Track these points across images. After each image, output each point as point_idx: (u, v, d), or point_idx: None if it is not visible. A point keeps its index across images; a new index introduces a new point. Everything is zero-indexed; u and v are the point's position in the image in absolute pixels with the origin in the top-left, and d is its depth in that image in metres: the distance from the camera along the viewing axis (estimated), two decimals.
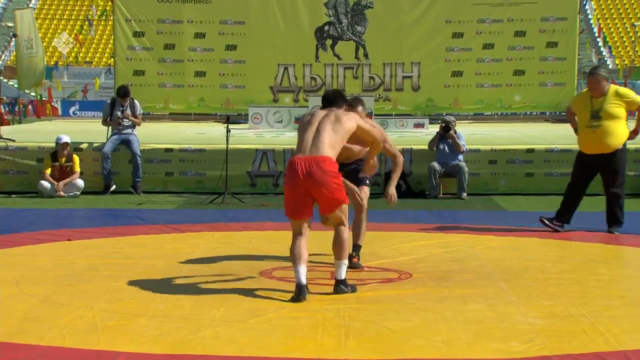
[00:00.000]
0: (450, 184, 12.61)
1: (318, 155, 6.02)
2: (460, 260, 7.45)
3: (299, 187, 6.00)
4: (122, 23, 20.70)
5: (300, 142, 6.14)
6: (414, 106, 21.08)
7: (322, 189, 5.97)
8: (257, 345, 4.80)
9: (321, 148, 6.04)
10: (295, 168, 6.00)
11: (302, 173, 5.96)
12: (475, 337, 4.97)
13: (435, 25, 20.79)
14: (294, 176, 6.00)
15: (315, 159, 6.00)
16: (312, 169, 5.96)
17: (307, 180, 5.96)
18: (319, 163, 5.98)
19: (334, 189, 6.01)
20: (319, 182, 5.96)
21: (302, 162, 6.00)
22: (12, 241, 8.23)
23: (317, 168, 5.96)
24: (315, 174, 5.95)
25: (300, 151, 6.09)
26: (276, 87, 21.05)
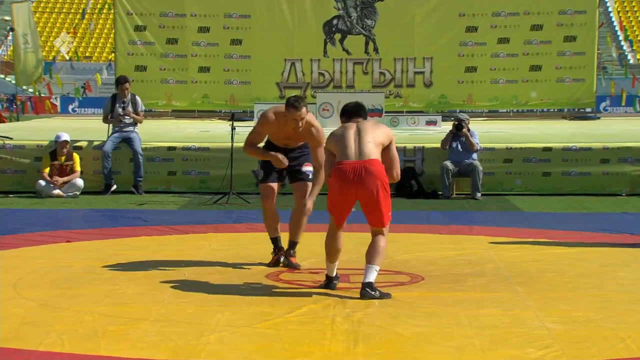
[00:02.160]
0: (464, 184, 12.59)
1: (366, 159, 6.18)
2: (474, 263, 7.43)
3: (349, 193, 6.19)
4: (123, 16, 20.75)
5: (344, 148, 6.22)
6: (426, 103, 21.07)
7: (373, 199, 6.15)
8: (263, 351, 4.80)
9: (368, 151, 6.21)
10: (345, 173, 6.15)
11: (352, 178, 6.14)
12: (490, 343, 4.96)
13: (448, 19, 20.77)
14: (344, 181, 6.16)
15: (365, 164, 6.16)
16: (362, 175, 6.14)
17: (357, 185, 6.14)
18: (368, 167, 6.15)
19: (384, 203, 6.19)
20: (370, 188, 6.14)
21: (351, 167, 6.15)
22: (9, 243, 8.25)
23: (367, 173, 6.14)
24: (366, 180, 6.14)
25: (347, 156, 6.20)
26: (283, 83, 21.07)
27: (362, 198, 6.19)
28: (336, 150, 6.29)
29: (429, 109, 20.89)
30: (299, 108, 6.77)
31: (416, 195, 12.36)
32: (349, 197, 6.21)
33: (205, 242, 8.45)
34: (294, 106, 6.78)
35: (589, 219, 10.37)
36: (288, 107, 6.81)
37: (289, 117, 6.82)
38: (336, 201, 6.26)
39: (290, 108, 6.78)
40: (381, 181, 6.18)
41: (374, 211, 6.20)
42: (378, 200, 6.15)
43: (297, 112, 6.77)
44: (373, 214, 6.22)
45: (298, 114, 6.77)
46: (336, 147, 6.30)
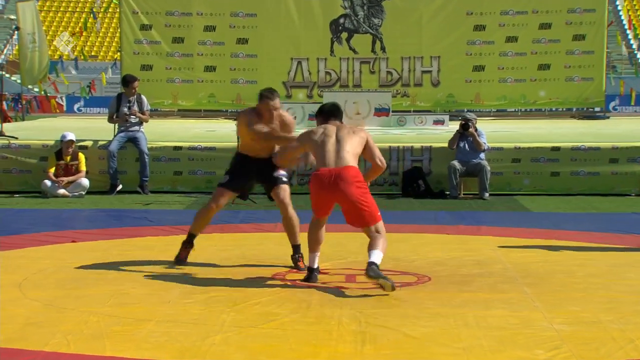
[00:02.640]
0: (472, 184, 12.57)
1: (342, 166, 6.46)
2: (481, 263, 7.43)
3: (325, 198, 6.53)
4: (129, 15, 20.78)
5: (324, 155, 6.51)
6: (433, 102, 21.05)
7: (350, 202, 6.41)
8: (269, 352, 4.80)
9: (346, 159, 6.50)
10: (322, 180, 6.46)
11: (327, 184, 6.42)
12: (498, 344, 4.95)
13: (456, 18, 20.76)
14: (321, 187, 6.47)
15: (339, 171, 6.43)
16: (338, 181, 6.40)
17: (334, 192, 6.43)
18: (343, 175, 6.42)
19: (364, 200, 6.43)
20: (347, 194, 6.39)
21: (327, 174, 6.44)
22: (14, 243, 8.27)
23: (342, 180, 6.40)
24: (341, 186, 6.39)
25: (324, 164, 6.49)
26: (289, 82, 21.08)
27: (340, 203, 6.50)
28: (314, 152, 6.63)
29: (437, 108, 20.88)
30: (272, 98, 7.13)
31: (423, 195, 12.35)
32: (327, 200, 6.55)
33: (211, 242, 8.45)
34: (268, 97, 7.14)
35: (598, 219, 10.35)
36: (262, 98, 7.14)
37: (263, 107, 7.14)
38: (316, 203, 6.62)
39: (264, 99, 7.13)
40: (355, 184, 6.43)
41: (357, 213, 6.44)
42: (357, 200, 6.39)
43: (270, 102, 7.12)
44: (357, 216, 6.45)
45: (272, 103, 7.13)
46: (315, 150, 6.62)
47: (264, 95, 7.16)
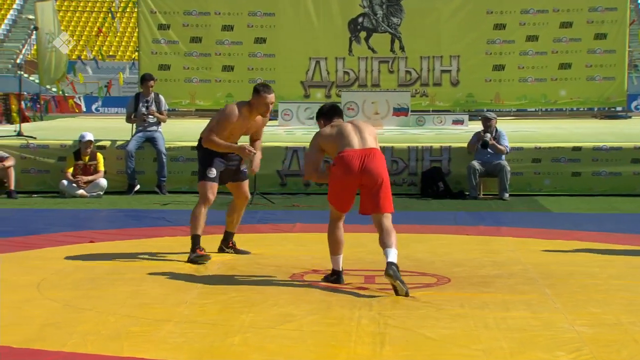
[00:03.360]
0: (491, 184, 12.54)
1: (369, 147, 6.43)
2: (501, 264, 7.40)
3: (352, 181, 6.38)
4: (147, 15, 20.86)
5: (345, 138, 6.44)
6: (452, 102, 21.00)
7: (377, 184, 6.37)
8: (287, 353, 4.80)
9: (370, 141, 6.48)
10: (350, 161, 6.34)
11: (358, 165, 6.34)
12: (518, 346, 4.93)
13: (476, 16, 20.69)
14: (349, 169, 6.33)
15: (368, 152, 6.40)
16: (367, 162, 6.36)
17: (363, 173, 6.35)
18: (372, 155, 6.40)
19: (388, 186, 6.45)
20: (376, 175, 6.37)
21: (356, 154, 6.36)
22: (32, 243, 8.32)
23: (372, 161, 6.37)
24: (371, 166, 6.36)
25: (350, 145, 6.41)
26: (307, 82, 21.08)
27: (369, 184, 6.37)
28: (334, 143, 6.51)
29: (456, 108, 20.83)
30: (270, 92, 7.34)
31: (443, 195, 12.33)
32: (353, 184, 6.40)
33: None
34: (266, 91, 7.31)
35: (620, 220, 10.30)
36: (260, 92, 7.31)
37: (260, 102, 7.32)
38: (340, 190, 6.45)
39: (262, 93, 7.30)
40: (384, 165, 6.47)
41: (379, 196, 6.38)
42: (384, 183, 6.39)
43: (269, 95, 7.30)
44: (378, 200, 6.38)
45: (270, 97, 7.32)
46: (334, 140, 6.52)
47: (261, 90, 7.32)
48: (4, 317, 5.51)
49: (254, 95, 7.39)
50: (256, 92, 7.36)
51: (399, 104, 17.55)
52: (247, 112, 7.42)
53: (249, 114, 7.43)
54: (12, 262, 7.42)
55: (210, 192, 7.48)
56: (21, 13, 49.26)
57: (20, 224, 9.83)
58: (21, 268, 7.13)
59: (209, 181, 7.48)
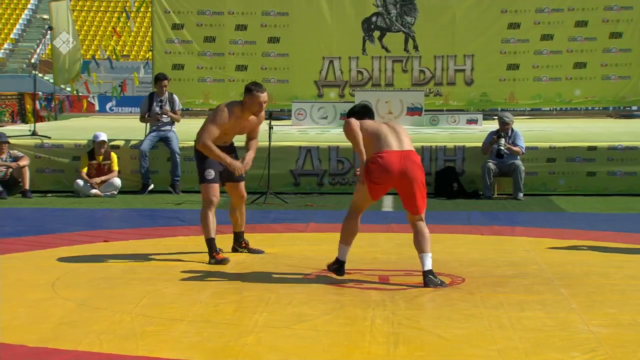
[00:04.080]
0: (506, 184, 12.50)
1: (407, 149, 6.55)
2: (516, 264, 7.38)
3: (389, 181, 6.52)
4: (161, 15, 20.91)
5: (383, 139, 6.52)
6: (466, 101, 20.95)
7: (415, 186, 6.53)
8: (301, 353, 4.81)
9: (407, 143, 6.59)
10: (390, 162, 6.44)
11: (398, 167, 6.46)
12: (533, 346, 4.92)
13: (490, 15, 20.63)
14: (388, 169, 6.44)
15: (407, 153, 6.53)
16: (407, 163, 6.49)
17: (402, 175, 6.49)
18: (412, 157, 6.54)
19: (424, 188, 6.62)
20: (414, 177, 6.52)
21: (396, 155, 6.46)
22: (47, 242, 8.36)
23: (411, 162, 6.51)
24: (411, 167, 6.50)
25: (389, 145, 6.50)
26: (321, 81, 21.07)
27: (406, 186, 6.51)
28: (370, 140, 6.54)
29: (470, 107, 20.77)
30: (263, 91, 7.28)
31: (457, 195, 12.31)
32: (388, 184, 6.55)
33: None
34: (258, 90, 7.26)
35: (636, 220, 10.25)
36: (252, 92, 7.25)
37: (254, 101, 7.27)
38: (374, 188, 6.52)
39: (255, 92, 7.24)
40: (421, 168, 6.63)
41: (417, 197, 6.53)
42: (422, 185, 6.56)
43: (261, 94, 7.26)
44: (417, 200, 6.53)
45: (263, 95, 7.27)
46: (370, 139, 6.55)
47: (253, 89, 7.26)
48: (20, 316, 5.54)
49: (246, 95, 7.34)
50: (248, 91, 7.31)
51: (412, 104, 17.52)
52: (239, 112, 7.38)
53: (242, 114, 7.39)
54: (27, 261, 7.46)
55: (212, 194, 7.49)
56: (35, 13, 49.51)
57: (35, 223, 9.88)
58: (36, 267, 7.16)
59: (209, 183, 7.48)
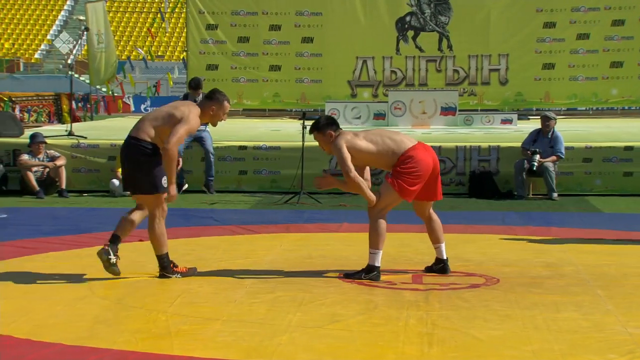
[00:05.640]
0: (541, 184, 12.41)
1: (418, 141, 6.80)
2: (551, 265, 7.32)
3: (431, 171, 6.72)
4: (195, 15, 21.03)
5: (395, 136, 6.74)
6: (501, 101, 20.84)
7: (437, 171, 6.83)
8: (335, 353, 4.80)
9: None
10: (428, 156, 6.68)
11: (433, 160, 6.74)
12: (569, 347, 4.87)
13: (525, 15, 20.51)
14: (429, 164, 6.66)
15: (421, 142, 6.78)
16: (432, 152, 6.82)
17: (435, 167, 6.76)
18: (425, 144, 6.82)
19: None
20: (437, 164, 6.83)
21: (422, 147, 6.71)
22: (83, 242, 8.43)
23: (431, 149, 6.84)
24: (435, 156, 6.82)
25: (409, 140, 6.71)
26: (354, 81, 21.07)
27: (435, 173, 6.77)
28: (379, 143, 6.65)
29: (505, 107, 20.66)
30: (228, 101, 6.81)
31: (491, 195, 12.23)
32: (431, 174, 6.72)
33: (277, 242, 8.50)
34: (227, 99, 6.77)
35: None
36: (222, 101, 6.68)
37: (223, 111, 6.72)
38: (419, 182, 6.63)
39: (225, 102, 6.71)
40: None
41: (439, 184, 6.87)
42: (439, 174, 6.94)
43: (228, 104, 6.78)
44: (439, 186, 6.86)
45: (228, 106, 6.79)
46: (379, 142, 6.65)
47: (223, 98, 6.68)
48: (56, 314, 5.60)
49: (213, 103, 6.65)
50: (217, 100, 6.64)
51: (446, 103, 17.45)
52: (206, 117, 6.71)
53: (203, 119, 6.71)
54: (64, 260, 7.53)
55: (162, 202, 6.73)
56: (72, 14, 49.99)
57: (72, 222, 9.97)
58: (72, 266, 7.23)
59: (164, 192, 6.65)
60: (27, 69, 45.99)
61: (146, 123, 6.66)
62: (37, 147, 12.60)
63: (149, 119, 6.70)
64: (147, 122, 6.67)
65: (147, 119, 6.73)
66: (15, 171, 12.80)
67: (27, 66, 46.45)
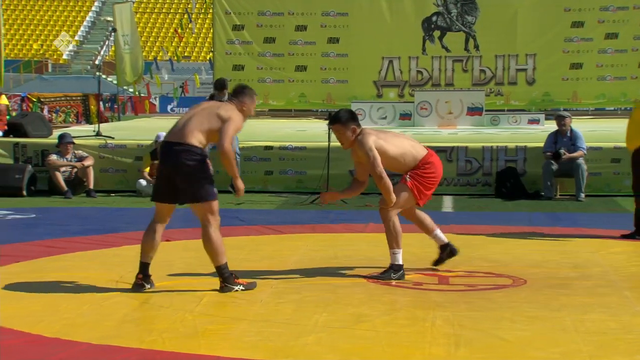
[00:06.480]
0: (569, 184, 12.32)
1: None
2: (579, 266, 7.27)
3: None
4: (222, 16, 21.10)
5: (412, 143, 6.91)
6: (528, 101, 20.73)
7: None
8: (361, 353, 4.80)
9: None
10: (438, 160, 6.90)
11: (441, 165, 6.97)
12: (597, 349, 4.84)
13: (553, 14, 20.39)
14: (441, 167, 6.88)
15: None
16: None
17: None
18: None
19: None
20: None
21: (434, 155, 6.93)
22: (110, 241, 8.49)
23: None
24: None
25: (420, 146, 6.88)
26: (380, 81, 21.05)
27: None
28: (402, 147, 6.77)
29: (532, 107, 20.55)
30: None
31: (517, 196, 12.16)
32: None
33: (302, 242, 8.51)
34: (255, 94, 6.63)
35: None
36: (253, 94, 6.55)
37: (253, 105, 6.60)
38: (434, 187, 6.83)
39: (254, 94, 6.58)
40: None
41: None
42: None
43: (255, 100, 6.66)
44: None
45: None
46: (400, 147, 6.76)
47: (251, 92, 6.55)
48: (84, 313, 5.64)
49: (245, 97, 6.49)
50: (248, 94, 6.50)
51: (473, 103, 17.40)
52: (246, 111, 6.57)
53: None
54: (92, 259, 7.58)
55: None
56: (99, 15, 50.32)
57: (99, 222, 10.04)
58: (100, 265, 7.28)
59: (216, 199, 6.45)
60: (56, 70, 46.36)
61: (192, 128, 6.23)
62: (66, 147, 12.70)
63: (194, 124, 6.26)
64: (192, 126, 6.24)
65: (191, 124, 6.27)
66: (44, 171, 12.91)
67: (56, 67, 46.83)
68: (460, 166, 12.59)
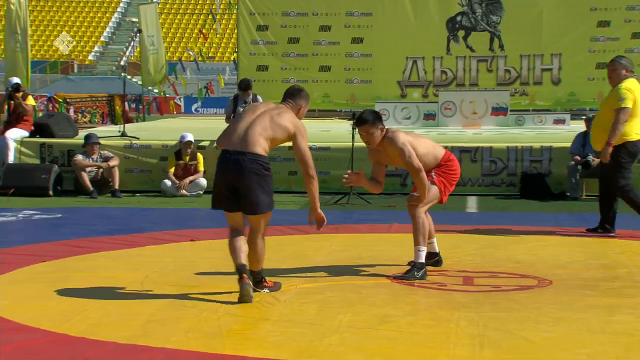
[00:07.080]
0: (595, 185, 12.21)
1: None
2: (606, 267, 7.22)
3: None
4: (246, 17, 21.14)
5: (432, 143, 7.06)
6: (553, 101, 20.59)
7: None
8: (385, 354, 4.79)
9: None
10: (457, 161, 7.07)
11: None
12: (625, 351, 4.80)
13: (579, 13, 20.23)
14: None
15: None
16: None
17: None
18: None
19: None
20: None
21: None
22: (135, 241, 8.53)
23: None
24: None
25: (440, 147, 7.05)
26: (404, 81, 20.99)
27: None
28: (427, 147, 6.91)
29: (557, 107, 20.41)
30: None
31: (543, 196, 12.10)
32: None
33: (326, 242, 8.51)
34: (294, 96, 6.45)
35: None
36: (308, 96, 6.49)
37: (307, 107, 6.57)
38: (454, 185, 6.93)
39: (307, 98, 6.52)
40: None
41: None
42: None
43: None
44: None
45: None
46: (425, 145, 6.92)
47: (308, 96, 6.52)
48: (110, 313, 5.67)
49: (301, 100, 6.42)
50: (303, 97, 6.42)
51: (497, 104, 17.31)
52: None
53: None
54: (117, 259, 7.63)
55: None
56: (125, 16, 50.61)
57: (124, 222, 10.10)
58: (125, 265, 7.32)
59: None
60: (81, 70, 46.70)
61: (256, 136, 6.04)
62: (91, 147, 12.79)
63: (257, 131, 6.06)
64: (255, 134, 6.04)
65: (253, 132, 6.06)
66: (70, 171, 13.01)
67: (81, 68, 47.17)
68: (484, 166, 12.54)
